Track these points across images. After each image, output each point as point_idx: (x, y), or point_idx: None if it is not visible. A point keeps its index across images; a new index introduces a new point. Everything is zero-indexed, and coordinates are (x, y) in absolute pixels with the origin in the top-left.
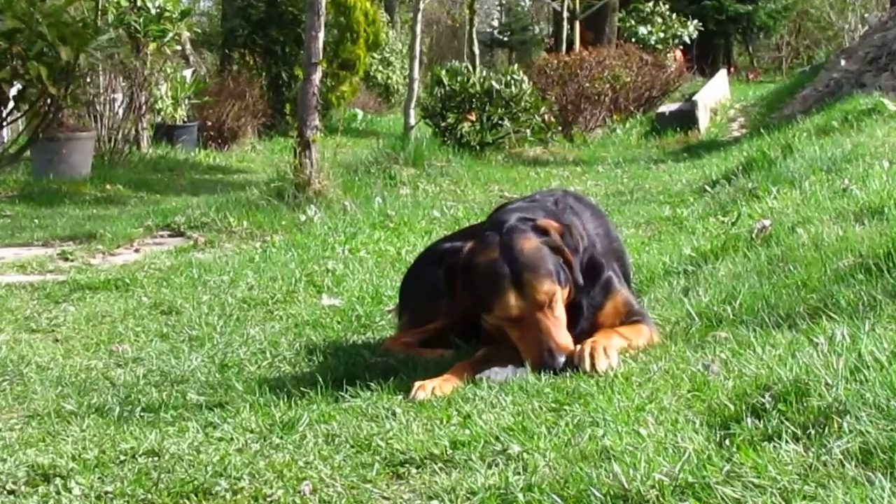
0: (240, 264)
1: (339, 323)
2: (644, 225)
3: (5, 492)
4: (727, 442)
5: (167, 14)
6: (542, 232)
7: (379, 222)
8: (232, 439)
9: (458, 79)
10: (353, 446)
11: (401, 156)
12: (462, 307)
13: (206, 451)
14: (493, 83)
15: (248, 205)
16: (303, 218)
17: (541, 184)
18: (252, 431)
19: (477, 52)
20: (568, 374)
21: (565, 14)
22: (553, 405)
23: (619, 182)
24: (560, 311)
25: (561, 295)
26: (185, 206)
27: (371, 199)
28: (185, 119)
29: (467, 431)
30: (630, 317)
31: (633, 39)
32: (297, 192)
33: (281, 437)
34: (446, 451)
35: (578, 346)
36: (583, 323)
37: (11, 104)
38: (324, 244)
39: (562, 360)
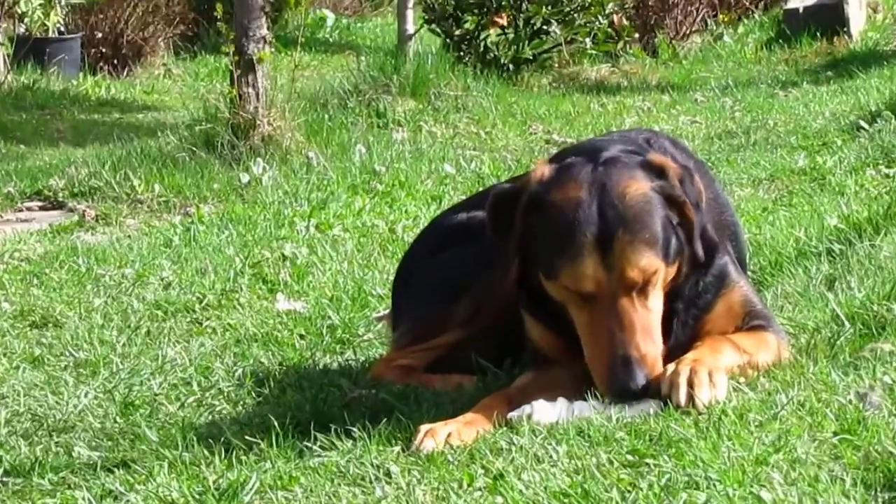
0: (150, 251)
1: (302, 338)
2: (766, 182)
3: None
4: None
5: None
6: (657, 172)
7: (362, 184)
8: None
9: None
10: None
11: (394, 81)
12: (512, 278)
13: None
14: None
15: (160, 160)
16: (245, 178)
17: (608, 122)
18: None
19: None
20: (649, 410)
21: None
22: (630, 458)
23: (727, 118)
24: (656, 301)
25: (664, 275)
26: (64, 162)
27: (349, 149)
28: (63, 29)
29: (500, 500)
30: (749, 321)
31: None
32: (235, 140)
33: None
34: None
35: (670, 366)
36: (678, 330)
37: None
38: (278, 218)
39: (641, 378)
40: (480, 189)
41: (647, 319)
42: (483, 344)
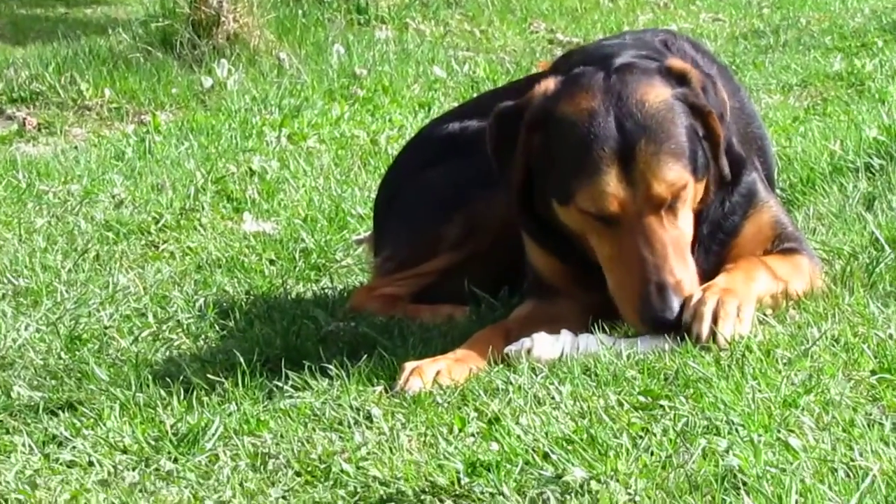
0: (100, 164)
1: (272, 263)
2: (798, 89)
3: None
4: None
5: None
6: (678, 79)
7: (340, 89)
8: (91, 464)
9: None
10: (299, 474)
11: None
12: (514, 203)
13: (48, 485)
14: None
15: (111, 61)
16: (207, 82)
17: (619, 20)
18: (126, 451)
19: None
20: (664, 346)
21: None
22: (642, 400)
23: (754, 15)
24: (687, 221)
25: (693, 192)
26: (1, 63)
27: (326, 50)
28: None
29: (495, 446)
30: (780, 244)
31: None
32: (196, 39)
33: (175, 461)
34: (459, 480)
35: (696, 292)
36: (701, 257)
37: None
38: (245, 128)
39: (677, 305)
40: (475, 95)
41: (679, 240)
42: (477, 270)
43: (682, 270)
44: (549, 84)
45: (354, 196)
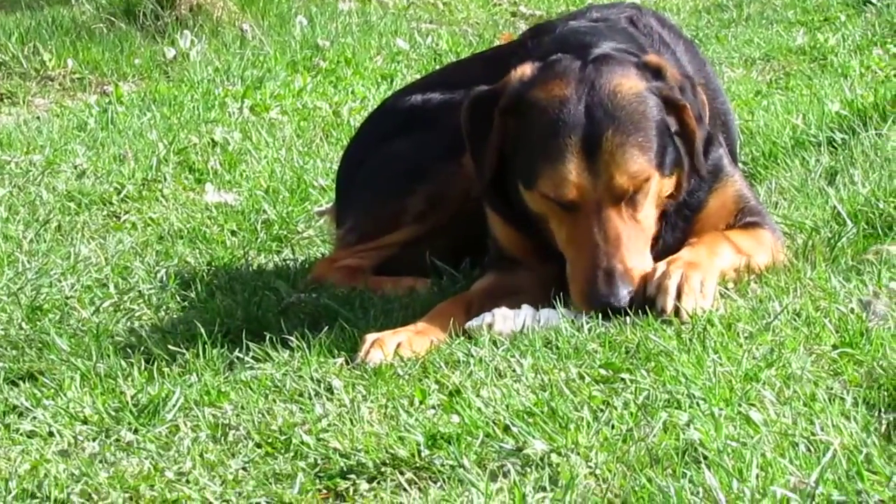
0: (62, 134)
1: (233, 234)
2: (760, 62)
3: None
4: None
5: None
6: (654, 73)
7: (303, 60)
8: (52, 434)
9: None
10: (259, 446)
11: None
12: (485, 178)
13: (8, 455)
14: None
15: (74, 31)
16: (170, 53)
17: None
18: (86, 421)
19: None
20: (627, 318)
21: None
22: (603, 373)
23: None
24: (647, 214)
25: (657, 187)
26: None
27: (289, 21)
28: None
29: (455, 418)
30: (742, 217)
31: None
32: (159, 9)
33: (136, 431)
34: (419, 452)
35: (660, 265)
36: (666, 234)
37: None
38: (207, 99)
39: (626, 294)
40: (437, 67)
41: (635, 233)
42: (439, 242)
43: (633, 259)
44: (526, 70)
45: (316, 167)
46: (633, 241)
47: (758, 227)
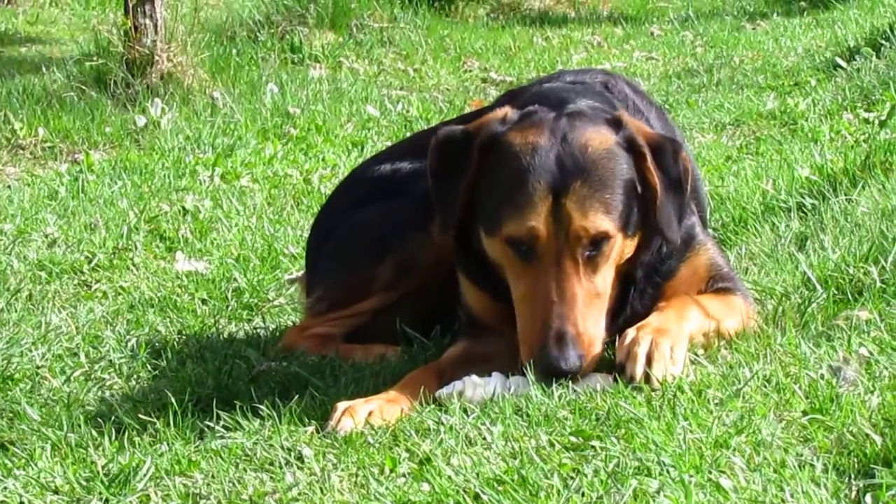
0: (33, 203)
1: (204, 303)
2: (731, 127)
3: None
4: (868, 500)
5: None
6: (625, 135)
7: (273, 128)
8: None
9: None
10: None
11: (310, 11)
12: (451, 219)
13: None
14: None
15: (45, 99)
16: (141, 121)
17: (553, 59)
18: (57, 491)
19: None
20: (596, 385)
21: None
22: (573, 440)
23: (687, 54)
24: (605, 277)
25: (619, 249)
26: None
27: (259, 89)
28: None
29: (426, 487)
30: (714, 284)
31: None
32: (130, 78)
33: (107, 501)
34: None
35: (630, 332)
36: (636, 301)
37: None
38: (178, 167)
39: (575, 359)
40: (408, 134)
41: (591, 294)
42: (410, 310)
43: (587, 323)
44: (506, 112)
45: (287, 235)
46: (588, 303)
47: (728, 293)
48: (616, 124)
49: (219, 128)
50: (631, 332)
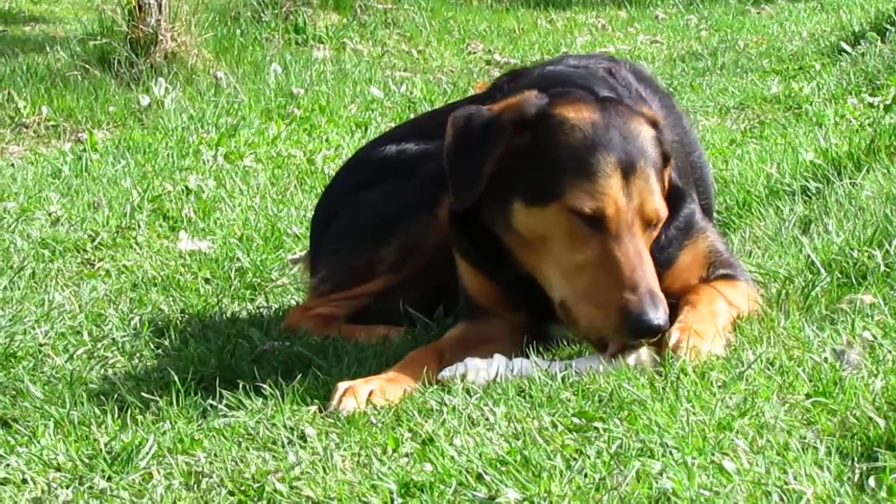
0: (36, 182)
1: (207, 282)
2: (735, 111)
3: None
4: (871, 482)
5: None
6: (651, 123)
7: (277, 108)
8: (25, 482)
9: None
10: (232, 494)
11: None
12: (472, 195)
13: None
14: None
15: (49, 78)
16: (145, 101)
17: (556, 41)
18: (60, 469)
19: None
20: (598, 367)
21: None
22: (576, 421)
23: (691, 37)
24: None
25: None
26: None
27: (263, 69)
28: None
29: (428, 467)
30: (714, 270)
31: None
32: (134, 57)
33: (109, 479)
34: (392, 501)
35: (671, 335)
36: None
37: None
38: (181, 146)
39: (665, 316)
40: (412, 116)
41: (653, 268)
42: (413, 291)
43: (658, 288)
44: (533, 93)
45: (290, 215)
46: (653, 270)
47: (734, 280)
48: (653, 123)
49: (222, 108)
50: (674, 334)
